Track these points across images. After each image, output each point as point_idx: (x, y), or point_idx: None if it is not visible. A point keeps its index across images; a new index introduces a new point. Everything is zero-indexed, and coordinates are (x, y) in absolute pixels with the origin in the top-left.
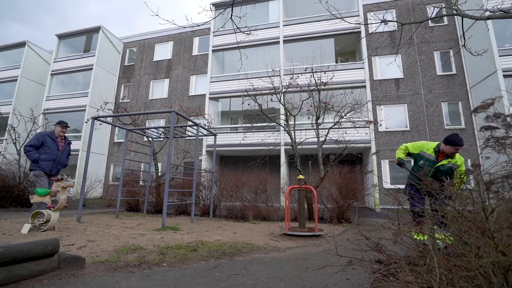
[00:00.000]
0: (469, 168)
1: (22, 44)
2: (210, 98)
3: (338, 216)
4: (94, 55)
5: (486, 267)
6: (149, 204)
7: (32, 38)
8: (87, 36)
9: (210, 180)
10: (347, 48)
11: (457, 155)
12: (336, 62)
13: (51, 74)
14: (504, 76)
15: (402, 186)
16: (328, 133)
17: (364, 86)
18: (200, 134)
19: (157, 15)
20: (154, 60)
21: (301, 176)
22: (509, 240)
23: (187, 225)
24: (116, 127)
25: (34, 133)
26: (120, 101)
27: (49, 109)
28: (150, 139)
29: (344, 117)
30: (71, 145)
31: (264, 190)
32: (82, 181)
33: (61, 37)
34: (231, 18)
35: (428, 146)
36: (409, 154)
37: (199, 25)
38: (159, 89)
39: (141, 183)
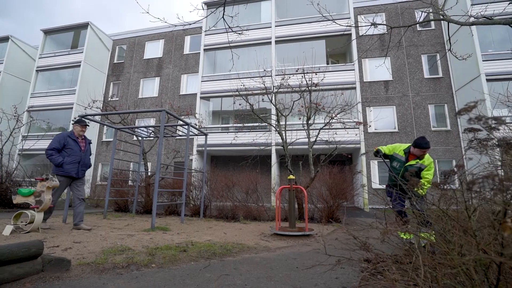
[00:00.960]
0: (453, 168)
1: (5, 39)
2: (201, 98)
3: (328, 216)
4: (82, 52)
5: (468, 265)
6: (138, 204)
7: (15, 33)
8: (75, 32)
9: (201, 180)
10: (338, 50)
11: (426, 156)
12: (327, 64)
13: (36, 71)
14: (487, 80)
15: None
16: (318, 133)
17: (354, 88)
18: (191, 133)
19: (147, 12)
20: (144, 58)
21: (291, 176)
22: (490, 238)
23: (177, 225)
24: (105, 126)
25: (18, 131)
26: (109, 99)
27: (33, 106)
28: (140, 138)
29: (335, 118)
30: (91, 144)
31: (255, 190)
32: None
33: (47, 32)
34: (223, 17)
35: (400, 148)
36: (386, 156)
37: (190, 24)
38: (149, 88)
39: (130, 183)
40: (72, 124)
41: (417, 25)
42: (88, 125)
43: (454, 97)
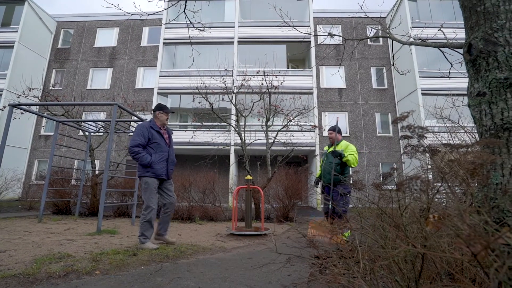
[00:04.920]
0: (389, 171)
1: None
2: (158, 93)
3: (284, 215)
4: (16, 31)
5: (399, 256)
6: (83, 205)
7: None
8: (7, 7)
9: None
10: (297, 55)
11: (342, 142)
12: (287, 68)
13: None
14: (422, 94)
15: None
16: (276, 135)
17: (312, 93)
18: None
19: None
20: (95, 46)
21: (249, 177)
22: (417, 233)
23: (127, 228)
24: (44, 118)
25: None
26: (50, 88)
27: None
28: (87, 133)
29: (292, 120)
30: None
31: (212, 190)
32: None
33: None
34: (184, 12)
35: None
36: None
37: (148, 14)
38: (100, 79)
39: (73, 182)
40: (154, 111)
41: (368, 39)
42: (173, 112)
43: (396, 107)
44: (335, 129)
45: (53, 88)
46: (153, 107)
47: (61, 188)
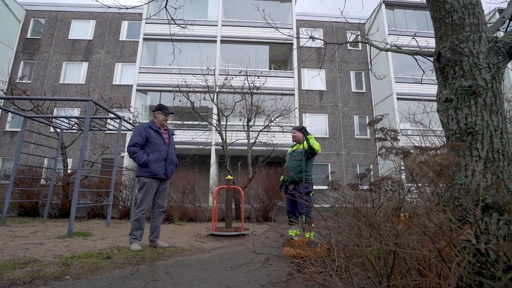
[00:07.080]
0: (363, 171)
1: None
2: (137, 90)
3: (264, 215)
4: None
5: (373, 254)
6: (53, 207)
7: None
8: None
9: (132, 179)
10: (280, 56)
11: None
12: (270, 69)
13: None
14: (398, 98)
15: (323, 187)
16: (258, 135)
17: (293, 94)
18: (123, 128)
19: None
20: (69, 38)
21: (229, 177)
22: (389, 232)
23: (102, 229)
24: (9, 113)
25: None
26: (18, 80)
27: None
28: (59, 130)
29: (273, 121)
30: (174, 136)
31: (192, 190)
32: None
33: None
34: (165, 7)
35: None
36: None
37: (128, 8)
38: (74, 73)
39: (43, 182)
40: (153, 111)
41: (348, 44)
42: (173, 113)
43: (373, 110)
44: (299, 129)
45: (20, 81)
46: (131, 104)
47: (28, 189)
